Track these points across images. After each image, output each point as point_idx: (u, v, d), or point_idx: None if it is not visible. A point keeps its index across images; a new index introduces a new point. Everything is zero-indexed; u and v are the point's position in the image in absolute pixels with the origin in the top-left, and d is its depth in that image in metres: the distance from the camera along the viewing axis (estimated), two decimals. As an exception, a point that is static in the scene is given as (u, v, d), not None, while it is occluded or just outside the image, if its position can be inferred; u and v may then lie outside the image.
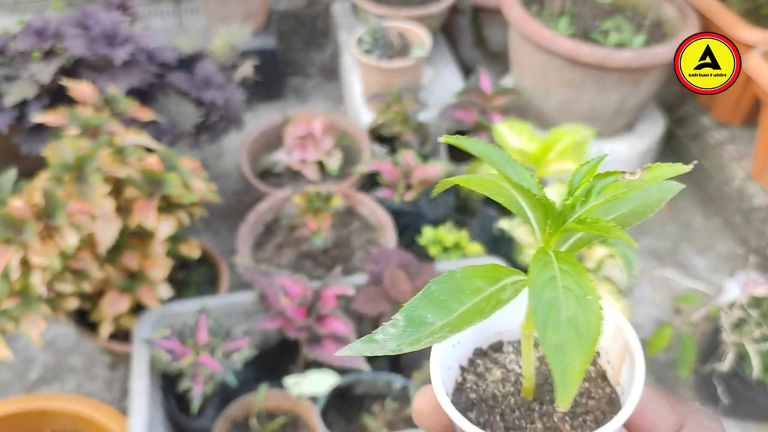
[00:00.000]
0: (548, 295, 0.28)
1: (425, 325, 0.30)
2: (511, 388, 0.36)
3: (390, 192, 1.63)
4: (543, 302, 0.28)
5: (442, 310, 0.30)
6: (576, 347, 0.27)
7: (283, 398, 1.24)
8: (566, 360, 0.27)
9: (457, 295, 0.30)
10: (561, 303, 0.28)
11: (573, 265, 0.29)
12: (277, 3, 2.44)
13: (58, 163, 1.13)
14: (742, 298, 1.39)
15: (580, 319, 0.28)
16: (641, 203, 0.32)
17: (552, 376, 0.27)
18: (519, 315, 0.37)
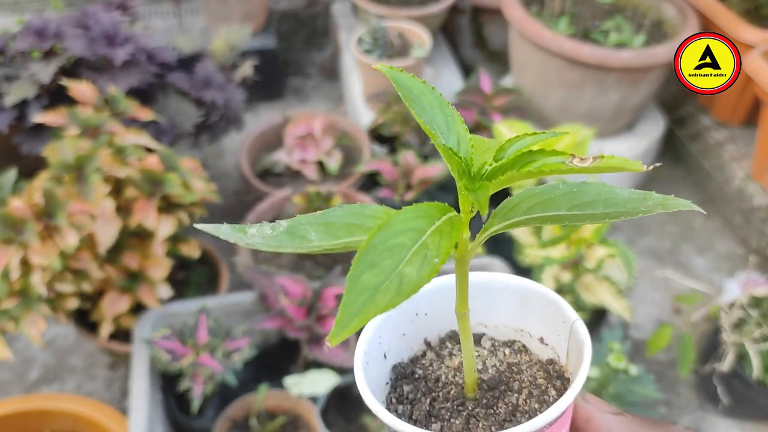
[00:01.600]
0: (399, 242, 0.27)
1: (304, 240, 0.29)
2: (460, 381, 0.35)
3: (390, 192, 1.63)
4: (388, 245, 0.26)
5: (329, 235, 0.29)
6: (387, 296, 0.25)
7: (283, 398, 1.24)
8: (367, 303, 0.25)
9: (351, 227, 0.29)
10: (405, 255, 0.26)
11: (451, 231, 0.28)
12: (277, 3, 2.44)
13: (58, 163, 1.13)
14: (742, 298, 1.39)
15: (409, 275, 0.26)
16: (618, 203, 0.30)
17: (339, 313, 0.25)
18: (508, 311, 0.37)
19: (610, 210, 0.29)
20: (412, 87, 0.31)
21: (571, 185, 0.31)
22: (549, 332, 0.36)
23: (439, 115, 0.31)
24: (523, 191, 0.32)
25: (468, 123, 1.47)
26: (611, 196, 0.30)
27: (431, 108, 0.31)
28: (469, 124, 1.72)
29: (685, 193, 2.00)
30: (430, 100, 0.32)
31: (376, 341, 0.35)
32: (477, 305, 0.36)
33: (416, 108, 0.31)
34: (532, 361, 0.36)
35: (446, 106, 0.32)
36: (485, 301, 0.37)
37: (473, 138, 0.32)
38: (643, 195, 0.29)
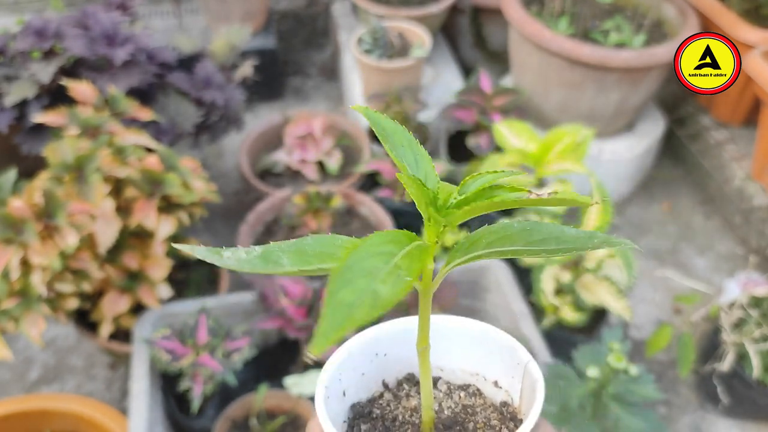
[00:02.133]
0: (372, 263, 0.28)
1: (276, 265, 0.30)
2: (416, 421, 0.36)
3: (390, 192, 1.63)
4: (362, 266, 0.28)
5: (301, 261, 0.31)
6: (362, 311, 0.26)
7: (283, 398, 1.24)
8: (345, 318, 0.26)
9: (322, 255, 0.31)
10: (379, 274, 0.28)
11: (420, 255, 0.30)
12: (277, 3, 2.44)
13: (58, 163, 1.13)
14: (742, 298, 1.39)
15: (383, 292, 0.27)
16: (568, 240, 0.32)
17: (319, 325, 0.26)
18: (464, 355, 0.37)
19: (561, 246, 0.32)
20: (385, 126, 0.34)
21: (524, 224, 0.33)
22: (504, 375, 0.37)
23: (408, 153, 0.34)
24: (482, 228, 0.34)
25: (468, 123, 1.48)
26: (561, 235, 0.32)
27: (402, 146, 0.34)
28: (469, 124, 1.72)
29: (685, 193, 2.01)
30: (401, 138, 0.34)
31: (337, 378, 0.36)
32: (434, 349, 0.36)
33: (389, 144, 0.33)
34: (486, 404, 0.37)
35: (415, 145, 0.34)
36: (443, 345, 0.38)
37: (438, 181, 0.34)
38: (589, 234, 0.32)
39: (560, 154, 1.48)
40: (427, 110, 1.86)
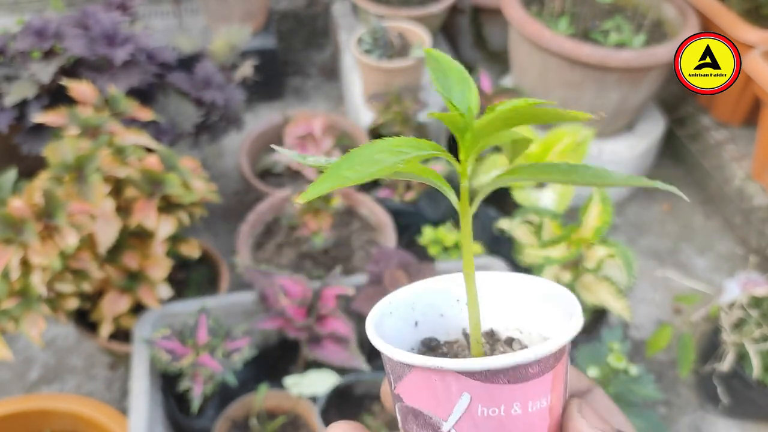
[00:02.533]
0: (380, 157, 0.29)
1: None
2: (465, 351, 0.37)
3: (390, 192, 1.63)
4: (371, 158, 0.29)
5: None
6: (358, 173, 0.28)
7: (283, 398, 1.24)
8: (338, 177, 0.27)
9: (385, 153, 0.31)
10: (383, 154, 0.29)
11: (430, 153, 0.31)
12: (277, 3, 2.44)
13: (58, 163, 1.13)
14: (742, 298, 1.39)
15: (384, 160, 0.29)
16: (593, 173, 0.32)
17: (314, 182, 0.27)
18: (543, 320, 0.37)
19: (606, 180, 0.32)
20: (440, 60, 0.34)
21: (568, 164, 0.33)
22: (554, 327, 0.37)
23: (456, 87, 0.33)
24: (525, 164, 0.34)
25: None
26: (605, 174, 0.32)
27: (454, 80, 0.34)
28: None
29: (686, 193, 2.01)
30: (455, 73, 0.34)
31: (409, 304, 0.37)
32: (519, 310, 0.37)
33: (439, 80, 0.33)
34: None
35: (468, 82, 0.34)
36: (529, 308, 0.37)
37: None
38: (630, 176, 0.32)
39: (560, 154, 1.48)
40: (427, 110, 1.86)
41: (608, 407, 0.36)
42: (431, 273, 1.28)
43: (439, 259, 1.48)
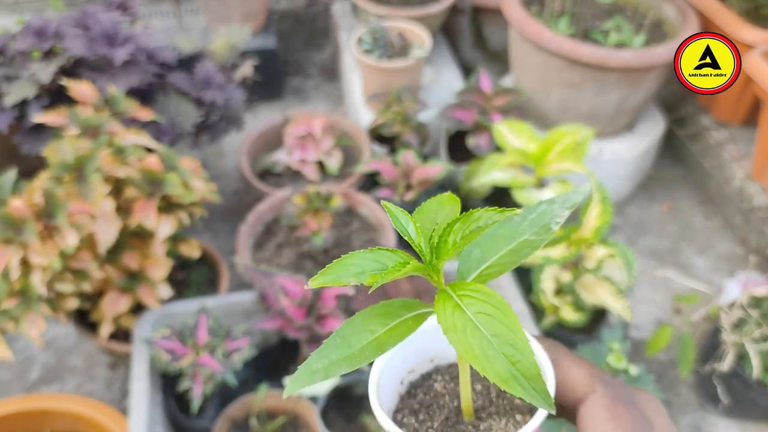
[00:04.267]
0: (467, 327, 0.30)
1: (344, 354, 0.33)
2: (452, 405, 0.38)
3: (390, 192, 1.63)
4: (473, 344, 0.30)
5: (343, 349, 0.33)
6: (523, 366, 0.29)
7: (283, 398, 1.24)
8: (522, 382, 0.29)
9: (356, 336, 0.32)
10: (484, 332, 0.30)
11: (471, 291, 0.31)
12: (277, 3, 2.44)
13: (58, 163, 1.13)
14: (742, 298, 1.39)
15: (508, 337, 0.29)
16: (520, 243, 0.34)
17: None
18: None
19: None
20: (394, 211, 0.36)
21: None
22: None
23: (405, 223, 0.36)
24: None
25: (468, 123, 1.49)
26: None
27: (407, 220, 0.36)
28: (469, 124, 1.72)
29: (685, 193, 2.01)
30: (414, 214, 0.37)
31: (388, 369, 0.38)
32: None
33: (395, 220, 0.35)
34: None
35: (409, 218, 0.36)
36: None
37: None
38: None
39: (560, 154, 1.48)
40: (427, 110, 1.86)
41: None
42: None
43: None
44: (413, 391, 0.38)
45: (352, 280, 0.31)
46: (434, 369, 0.40)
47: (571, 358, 0.36)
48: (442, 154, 1.80)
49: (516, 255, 0.34)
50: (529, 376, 0.29)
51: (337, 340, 0.32)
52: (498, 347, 0.29)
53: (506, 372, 0.29)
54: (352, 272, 0.31)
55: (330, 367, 0.31)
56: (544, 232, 0.33)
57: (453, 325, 0.30)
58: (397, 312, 0.33)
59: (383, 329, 0.32)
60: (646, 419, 0.33)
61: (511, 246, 0.34)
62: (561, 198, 0.34)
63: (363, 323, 0.32)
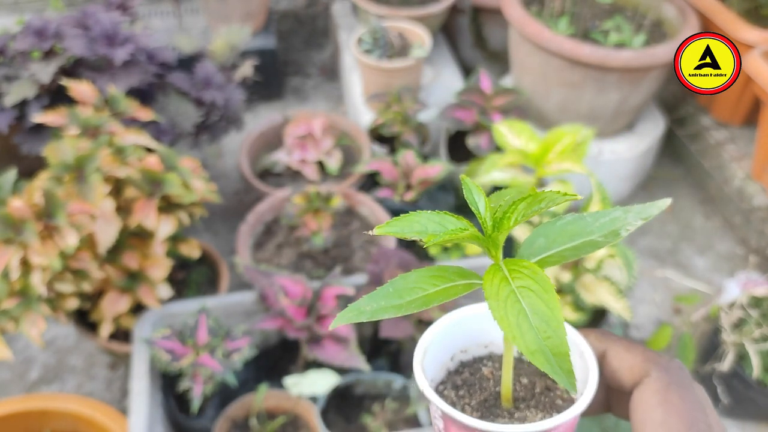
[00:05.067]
0: (509, 298, 0.32)
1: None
2: (494, 390, 0.39)
3: (390, 192, 1.63)
4: (509, 313, 0.31)
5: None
6: (553, 343, 0.30)
7: (283, 398, 1.24)
8: (549, 357, 0.30)
9: (407, 290, 0.35)
10: (523, 304, 0.31)
11: (522, 267, 0.33)
12: (277, 3, 2.44)
13: (58, 163, 1.13)
14: (742, 298, 1.39)
15: (544, 313, 0.31)
16: (585, 242, 0.35)
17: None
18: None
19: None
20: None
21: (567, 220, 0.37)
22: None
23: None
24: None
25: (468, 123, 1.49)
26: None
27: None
28: (469, 124, 1.72)
29: (685, 193, 2.01)
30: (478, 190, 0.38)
31: (439, 340, 0.39)
32: None
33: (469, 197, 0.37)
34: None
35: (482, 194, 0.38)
36: None
37: None
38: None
39: (560, 154, 1.48)
40: (427, 110, 1.86)
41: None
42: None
43: (439, 259, 1.48)
44: (461, 369, 0.40)
45: (414, 235, 0.33)
46: (487, 355, 0.41)
47: (623, 344, 0.36)
48: (442, 154, 1.80)
49: (577, 251, 0.35)
50: (557, 354, 0.30)
51: (390, 290, 0.34)
52: (533, 321, 0.31)
53: (535, 345, 0.30)
54: (415, 228, 0.34)
55: (377, 311, 0.33)
56: (612, 237, 0.34)
57: (496, 294, 0.32)
58: (449, 277, 0.35)
59: (433, 289, 0.34)
60: (700, 406, 0.32)
61: (576, 243, 0.35)
62: (637, 208, 0.35)
63: (416, 280, 0.34)
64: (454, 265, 0.36)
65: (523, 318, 0.31)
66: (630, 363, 0.35)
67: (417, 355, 0.37)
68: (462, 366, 0.40)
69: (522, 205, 0.33)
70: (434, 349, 0.38)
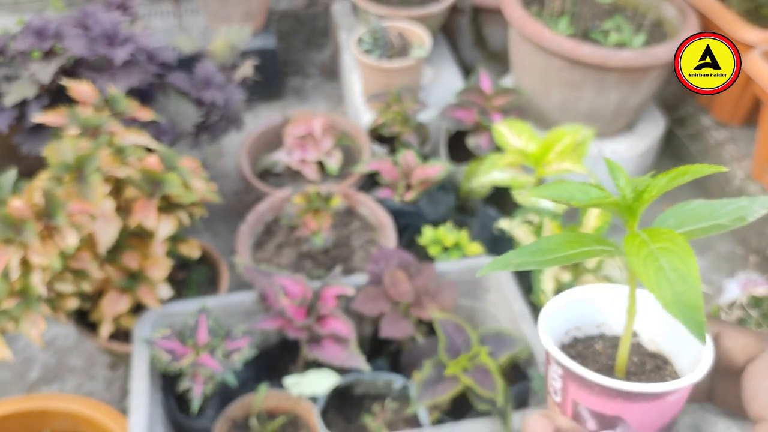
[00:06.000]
0: (649, 257, 0.35)
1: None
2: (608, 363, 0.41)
3: (390, 192, 1.63)
4: (649, 269, 0.34)
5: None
6: (688, 297, 0.33)
7: (283, 398, 1.24)
8: (684, 309, 0.32)
9: (549, 249, 0.38)
10: (662, 262, 0.34)
11: (659, 233, 0.36)
12: (277, 3, 2.44)
13: (58, 163, 1.13)
14: (742, 298, 1.39)
15: (682, 270, 0.33)
16: (712, 225, 0.39)
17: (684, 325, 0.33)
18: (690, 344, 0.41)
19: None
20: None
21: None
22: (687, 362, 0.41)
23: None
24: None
25: (468, 123, 1.49)
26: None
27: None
28: (469, 124, 1.72)
29: (685, 193, 2.01)
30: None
31: (561, 311, 0.42)
32: (659, 325, 0.42)
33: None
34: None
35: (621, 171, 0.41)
36: (666, 324, 0.42)
37: None
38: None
39: (560, 154, 1.48)
40: (427, 110, 1.86)
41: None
42: (431, 273, 1.28)
43: (439, 260, 1.48)
44: (574, 344, 0.42)
45: (563, 200, 0.37)
46: (599, 335, 0.43)
47: (736, 327, 0.39)
48: (442, 154, 1.80)
49: (704, 231, 0.38)
50: (691, 306, 0.32)
51: (533, 248, 0.38)
52: (670, 276, 0.33)
53: (671, 297, 0.33)
54: (563, 195, 0.38)
55: (522, 263, 0.37)
56: (739, 221, 0.38)
57: (636, 253, 0.35)
58: (587, 242, 0.38)
59: (571, 251, 0.37)
60: None
61: (703, 225, 0.39)
62: (762, 200, 0.38)
63: (557, 243, 0.38)
64: (593, 235, 0.39)
65: (661, 274, 0.33)
66: (743, 342, 0.38)
67: (542, 320, 0.40)
68: (575, 341, 0.42)
69: (664, 179, 0.37)
70: (553, 320, 0.41)
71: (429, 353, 1.24)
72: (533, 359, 1.23)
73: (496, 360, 1.17)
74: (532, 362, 1.23)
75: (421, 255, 1.50)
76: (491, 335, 1.22)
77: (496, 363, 1.16)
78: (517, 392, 1.21)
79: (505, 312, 1.33)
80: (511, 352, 1.19)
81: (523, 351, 1.21)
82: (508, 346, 1.20)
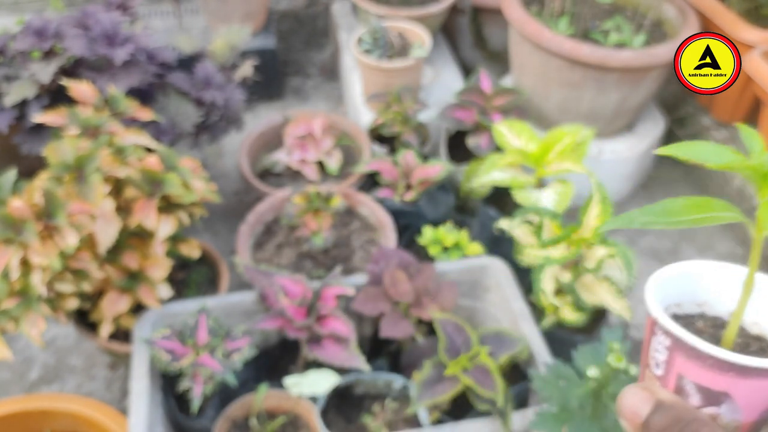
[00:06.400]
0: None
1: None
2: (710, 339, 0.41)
3: (390, 192, 1.63)
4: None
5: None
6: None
7: (283, 398, 1.24)
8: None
9: (674, 211, 0.39)
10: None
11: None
12: (277, 3, 2.44)
13: (58, 163, 1.13)
14: (742, 298, 1.39)
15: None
16: None
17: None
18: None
19: None
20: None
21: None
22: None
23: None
24: None
25: (468, 123, 1.49)
26: None
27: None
28: (469, 124, 1.72)
29: (685, 193, 2.00)
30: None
31: (670, 282, 0.42)
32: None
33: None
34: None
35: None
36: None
37: None
38: None
39: (560, 154, 1.48)
40: (427, 110, 1.86)
41: None
42: (431, 273, 1.28)
43: (439, 260, 1.48)
44: (674, 320, 0.41)
45: (697, 160, 0.38)
46: (699, 314, 0.42)
47: None
48: (442, 154, 1.80)
49: None
50: None
51: (658, 209, 0.39)
52: None
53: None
54: (696, 156, 0.39)
55: (648, 222, 0.38)
56: None
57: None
58: (713, 208, 0.40)
59: (695, 215, 0.39)
60: None
61: None
62: None
63: (683, 206, 0.39)
64: (720, 201, 0.40)
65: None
66: None
67: (650, 288, 0.40)
68: (675, 317, 0.42)
69: None
70: (658, 292, 0.40)
71: (429, 353, 1.24)
72: (533, 359, 1.23)
73: (496, 360, 1.17)
74: (532, 362, 1.23)
75: (421, 255, 1.50)
76: (491, 335, 1.22)
77: (496, 363, 1.16)
78: (517, 392, 1.21)
79: (505, 312, 1.33)
80: (511, 352, 1.19)
81: (523, 351, 1.21)
82: (508, 346, 1.20)
